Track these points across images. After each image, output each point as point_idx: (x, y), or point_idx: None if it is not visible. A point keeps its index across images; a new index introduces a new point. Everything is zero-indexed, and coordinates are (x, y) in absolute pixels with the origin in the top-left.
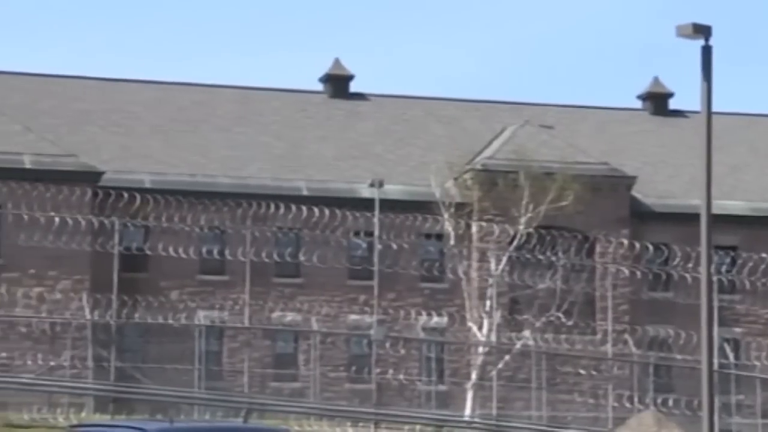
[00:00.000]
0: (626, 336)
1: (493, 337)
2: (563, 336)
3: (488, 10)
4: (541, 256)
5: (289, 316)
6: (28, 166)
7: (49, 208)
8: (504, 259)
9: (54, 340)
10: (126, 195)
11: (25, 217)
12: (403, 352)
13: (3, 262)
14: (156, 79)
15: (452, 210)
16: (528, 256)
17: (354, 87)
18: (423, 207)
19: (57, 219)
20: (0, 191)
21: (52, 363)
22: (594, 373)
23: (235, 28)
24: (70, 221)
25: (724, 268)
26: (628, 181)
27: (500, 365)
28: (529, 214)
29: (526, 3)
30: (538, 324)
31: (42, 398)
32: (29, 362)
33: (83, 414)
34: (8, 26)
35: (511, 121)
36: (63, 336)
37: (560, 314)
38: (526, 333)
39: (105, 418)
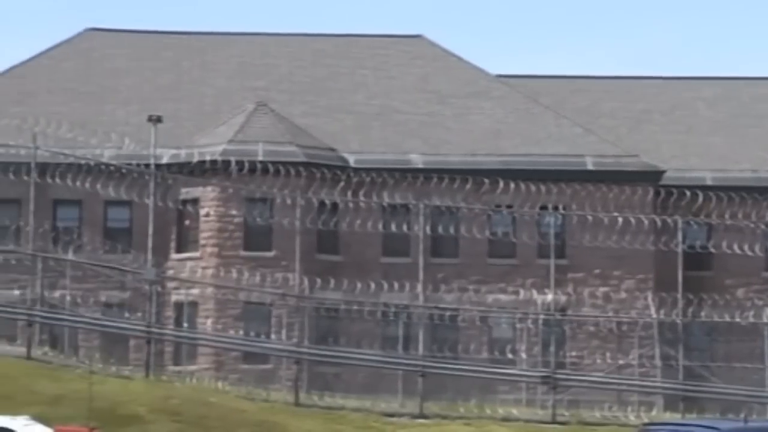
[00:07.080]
0: None
1: None
2: None
3: None
4: None
5: None
6: (590, 167)
7: (611, 209)
8: None
9: (621, 339)
10: (688, 193)
11: (589, 218)
12: None
13: (568, 263)
14: (717, 75)
15: None
16: None
17: None
18: None
19: (620, 219)
20: (564, 193)
21: (620, 361)
22: None
23: None
24: (632, 221)
25: None
26: None
27: None
28: None
29: None
30: None
31: (611, 396)
32: (598, 360)
33: (653, 412)
34: (572, 30)
35: None
36: (630, 335)
37: None
38: None
39: (675, 417)
